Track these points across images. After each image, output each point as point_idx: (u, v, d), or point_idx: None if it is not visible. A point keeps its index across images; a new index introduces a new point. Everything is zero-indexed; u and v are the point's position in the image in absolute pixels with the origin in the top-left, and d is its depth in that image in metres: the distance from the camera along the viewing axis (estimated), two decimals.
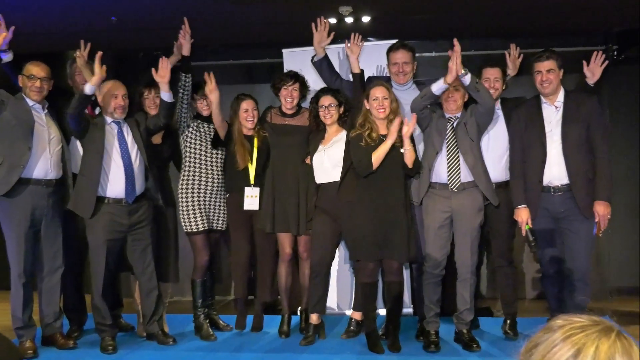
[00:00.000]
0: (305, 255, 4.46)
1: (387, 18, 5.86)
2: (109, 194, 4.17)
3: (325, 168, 4.28)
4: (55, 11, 5.56)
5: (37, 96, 4.22)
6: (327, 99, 4.31)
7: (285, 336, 4.49)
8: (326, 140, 4.35)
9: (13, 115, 4.14)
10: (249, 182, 4.45)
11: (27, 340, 4.18)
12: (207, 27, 6.27)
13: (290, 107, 4.47)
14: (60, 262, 4.28)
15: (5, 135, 4.12)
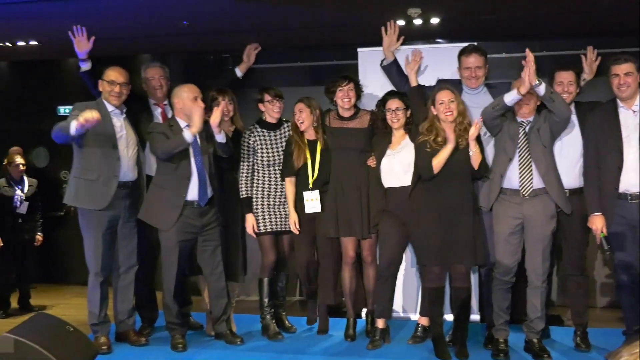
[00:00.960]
0: (370, 258, 4.45)
1: (456, 19, 5.78)
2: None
3: (395, 172, 4.26)
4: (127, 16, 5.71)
5: (117, 101, 4.33)
6: (395, 103, 4.29)
7: (351, 340, 4.50)
8: (394, 144, 4.32)
9: (96, 128, 4.22)
10: (308, 185, 4.45)
11: (102, 336, 4.33)
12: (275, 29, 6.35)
13: (347, 108, 4.46)
14: (134, 261, 4.41)
15: (94, 149, 4.24)
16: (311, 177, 4.44)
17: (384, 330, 4.40)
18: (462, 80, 4.41)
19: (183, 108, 4.29)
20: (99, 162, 4.23)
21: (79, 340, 3.83)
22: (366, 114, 4.48)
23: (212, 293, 4.44)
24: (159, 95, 4.66)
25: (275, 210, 4.55)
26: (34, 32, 6.49)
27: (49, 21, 5.90)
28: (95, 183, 4.22)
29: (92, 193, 4.22)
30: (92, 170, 4.23)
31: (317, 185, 4.44)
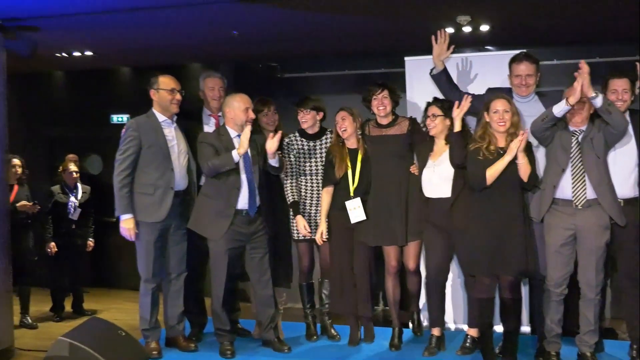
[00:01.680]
0: (413, 267, 4.41)
1: (506, 26, 5.73)
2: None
3: (434, 184, 4.23)
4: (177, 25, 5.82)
5: (177, 108, 4.38)
6: (432, 109, 4.25)
7: (396, 349, 4.47)
8: (435, 154, 4.28)
9: (150, 143, 4.29)
10: (349, 194, 4.44)
11: (152, 341, 4.39)
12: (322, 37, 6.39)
13: (383, 115, 4.43)
14: (184, 267, 4.47)
15: (150, 163, 4.29)
16: (352, 186, 4.44)
17: (439, 338, 4.38)
18: (512, 89, 4.35)
19: (234, 118, 4.32)
20: (154, 175, 4.28)
21: (131, 345, 3.92)
22: (405, 121, 4.46)
23: (259, 301, 4.47)
24: (216, 105, 4.66)
25: (312, 218, 4.57)
26: (89, 43, 6.68)
27: (103, 32, 6.07)
28: (152, 197, 4.28)
29: (149, 207, 4.28)
30: (149, 184, 4.29)
31: (357, 194, 4.43)
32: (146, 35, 6.18)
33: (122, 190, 4.24)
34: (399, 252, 4.41)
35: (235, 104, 4.31)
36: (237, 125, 4.33)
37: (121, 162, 4.27)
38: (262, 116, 4.59)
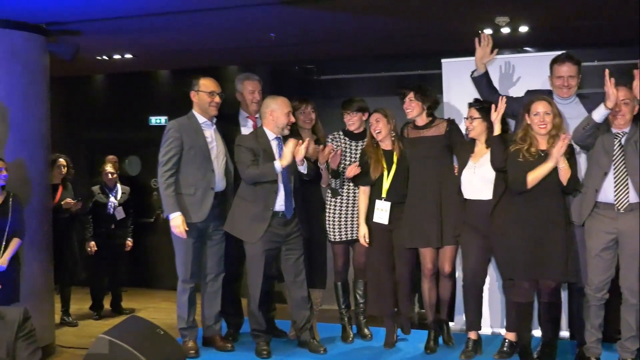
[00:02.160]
0: (448, 270, 4.38)
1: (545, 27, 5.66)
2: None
3: (475, 185, 4.18)
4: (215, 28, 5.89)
5: (216, 111, 4.41)
6: (470, 111, 4.21)
7: (432, 352, 4.43)
8: (476, 155, 4.24)
9: (191, 144, 4.32)
10: (381, 195, 4.44)
11: (189, 341, 4.44)
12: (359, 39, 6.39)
13: (413, 117, 4.40)
14: (222, 267, 4.50)
15: (190, 164, 4.33)
16: (385, 188, 4.42)
17: (476, 341, 4.33)
18: (553, 90, 4.29)
19: (275, 121, 4.31)
20: (195, 176, 4.32)
21: (169, 344, 3.96)
22: (443, 122, 4.42)
23: (293, 301, 4.48)
24: (255, 108, 4.66)
25: (348, 219, 4.57)
26: (129, 46, 6.80)
27: (143, 35, 6.17)
28: (193, 197, 4.32)
29: (190, 207, 4.32)
30: (189, 185, 4.33)
31: (390, 196, 4.41)
32: (185, 38, 6.26)
33: (168, 190, 4.29)
34: (435, 255, 4.37)
35: (275, 106, 4.31)
36: (277, 128, 4.33)
37: (165, 163, 4.32)
38: (299, 114, 4.60)
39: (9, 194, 5.01)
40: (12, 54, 5.40)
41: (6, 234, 4.93)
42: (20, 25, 5.41)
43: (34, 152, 5.61)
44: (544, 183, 3.88)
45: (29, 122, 5.56)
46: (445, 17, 5.32)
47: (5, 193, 5.01)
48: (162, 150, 4.36)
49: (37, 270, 5.59)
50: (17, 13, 5.23)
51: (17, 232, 5.00)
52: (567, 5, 5.06)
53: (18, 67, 5.44)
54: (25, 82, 5.50)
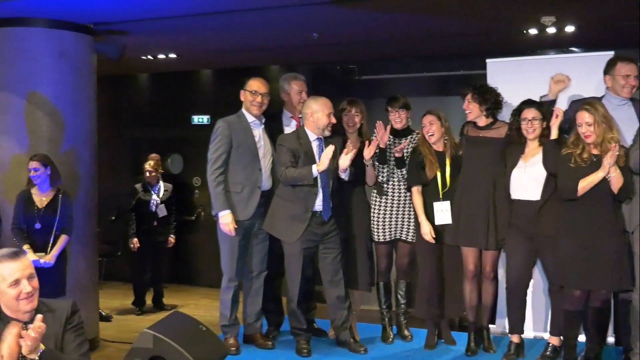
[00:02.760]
0: (491, 274, 4.33)
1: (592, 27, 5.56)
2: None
3: (524, 185, 4.12)
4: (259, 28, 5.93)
5: (258, 111, 4.42)
6: (531, 112, 4.14)
7: (473, 354, 4.39)
8: (526, 155, 4.17)
9: (240, 142, 4.34)
10: (438, 196, 4.42)
11: (231, 337, 4.47)
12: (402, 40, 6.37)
13: (472, 118, 4.36)
14: (265, 265, 4.53)
15: (238, 162, 4.36)
16: (442, 189, 4.40)
17: (518, 345, 4.27)
18: (610, 91, 4.17)
19: (316, 122, 4.31)
20: (243, 174, 4.36)
21: (211, 340, 3.99)
22: (504, 126, 4.35)
23: (330, 301, 4.48)
24: (299, 108, 4.64)
25: (392, 219, 4.56)
26: (174, 46, 6.90)
27: (187, 35, 6.25)
28: (240, 195, 4.36)
29: (237, 205, 4.35)
30: (237, 182, 4.36)
31: (447, 196, 4.39)
32: (227, 38, 6.32)
33: (218, 187, 4.33)
34: (477, 256, 4.34)
35: (318, 108, 4.30)
36: (317, 129, 4.33)
37: (214, 161, 4.36)
38: (343, 116, 4.60)
39: (59, 191, 5.12)
40: (62, 53, 5.55)
41: (54, 230, 5.04)
42: (69, 26, 5.55)
43: (81, 149, 5.75)
44: (595, 190, 3.80)
45: (77, 120, 5.71)
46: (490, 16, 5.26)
47: (55, 189, 5.12)
48: (211, 148, 4.40)
49: (83, 265, 5.72)
50: (66, 14, 5.36)
51: (65, 229, 5.10)
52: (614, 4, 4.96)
53: (67, 67, 5.59)
54: (74, 81, 5.64)
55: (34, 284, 2.75)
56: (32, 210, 5.05)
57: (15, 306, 2.72)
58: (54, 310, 2.86)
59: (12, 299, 2.71)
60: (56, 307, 2.89)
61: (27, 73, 5.52)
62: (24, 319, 2.75)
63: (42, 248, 5.00)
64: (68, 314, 2.88)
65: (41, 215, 5.05)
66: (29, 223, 5.05)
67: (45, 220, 5.04)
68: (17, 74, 5.52)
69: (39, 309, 2.81)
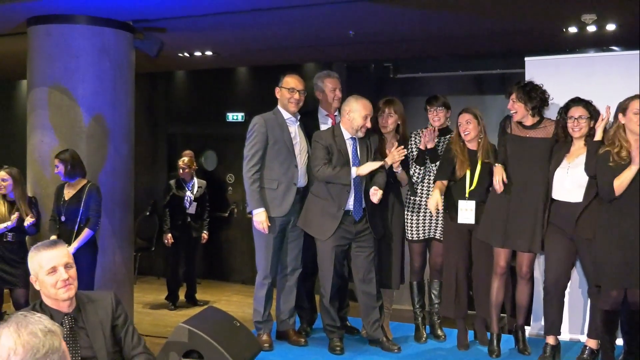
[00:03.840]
0: (528, 275, 4.27)
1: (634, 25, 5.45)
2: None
3: (566, 187, 4.05)
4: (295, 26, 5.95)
5: (295, 107, 4.43)
6: (578, 110, 4.05)
7: (496, 355, 4.33)
8: (571, 155, 4.09)
9: (276, 139, 4.35)
10: (464, 195, 4.38)
11: (264, 334, 4.49)
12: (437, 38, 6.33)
13: (518, 119, 4.29)
14: (299, 263, 4.53)
15: (274, 158, 4.36)
16: (468, 187, 4.36)
17: (554, 347, 4.21)
18: None
19: (352, 121, 4.30)
20: (278, 170, 4.36)
21: (245, 336, 4.02)
22: (551, 124, 4.27)
23: (362, 299, 4.47)
24: (336, 106, 4.65)
25: (427, 217, 4.54)
26: (210, 43, 6.95)
27: (224, 32, 6.29)
28: (275, 192, 4.36)
29: (272, 202, 4.36)
30: (273, 179, 4.37)
31: (473, 196, 4.35)
32: (263, 36, 6.36)
33: (253, 185, 4.34)
34: (509, 254, 4.28)
35: (356, 108, 4.27)
36: (352, 129, 4.31)
37: (250, 158, 4.37)
38: (378, 115, 4.58)
39: (87, 183, 5.20)
40: (103, 50, 5.64)
41: (79, 220, 5.12)
42: (110, 23, 5.64)
43: (119, 145, 5.83)
44: (634, 188, 3.73)
45: (116, 116, 5.80)
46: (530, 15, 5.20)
47: (83, 182, 5.20)
48: (247, 145, 4.41)
49: (119, 259, 5.80)
50: (107, 11, 5.44)
51: (89, 221, 5.17)
52: None
53: (107, 63, 5.68)
54: (113, 78, 5.73)
55: (72, 273, 2.80)
56: (60, 203, 5.20)
57: (54, 294, 2.77)
58: (95, 301, 2.92)
59: (51, 286, 2.76)
60: (97, 298, 2.94)
61: (69, 69, 5.62)
62: (64, 309, 2.81)
63: (67, 240, 5.02)
64: (113, 305, 2.94)
65: (66, 207, 5.17)
66: (58, 215, 5.23)
67: (69, 213, 5.16)
68: (59, 70, 5.63)
69: (80, 300, 2.87)
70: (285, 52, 7.05)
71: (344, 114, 4.35)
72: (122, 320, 2.96)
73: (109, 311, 2.92)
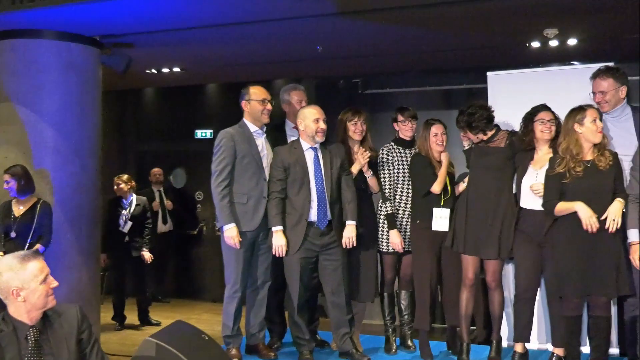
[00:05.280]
0: (494, 284, 4.31)
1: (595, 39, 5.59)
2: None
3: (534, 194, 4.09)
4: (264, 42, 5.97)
5: (268, 118, 4.41)
6: (548, 114, 4.12)
7: None
8: (536, 162, 4.14)
9: (244, 153, 4.33)
10: (439, 203, 4.42)
11: (233, 348, 4.43)
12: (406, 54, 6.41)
13: (476, 142, 4.36)
14: (269, 276, 4.49)
15: (243, 172, 4.33)
16: (443, 196, 4.42)
17: (523, 355, 4.22)
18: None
19: (305, 130, 4.32)
20: (248, 184, 4.33)
21: (214, 350, 3.97)
22: (505, 134, 4.37)
23: (332, 311, 4.45)
24: None
25: (401, 229, 4.56)
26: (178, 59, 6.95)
27: (191, 48, 6.30)
28: (245, 206, 4.33)
29: (243, 216, 4.33)
30: (243, 193, 4.33)
31: (447, 204, 4.41)
32: (231, 51, 6.38)
33: (223, 200, 4.29)
34: (478, 265, 4.32)
35: (305, 115, 4.30)
36: (308, 137, 4.31)
37: (219, 173, 4.32)
38: (350, 125, 4.59)
39: (38, 200, 5.12)
40: (69, 65, 5.60)
41: (30, 238, 5.05)
42: (76, 38, 5.61)
43: (86, 160, 5.77)
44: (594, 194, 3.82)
45: (82, 132, 5.74)
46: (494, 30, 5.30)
47: (34, 199, 5.14)
48: (215, 160, 4.35)
49: (86, 276, 5.72)
50: (73, 26, 5.41)
51: (43, 239, 5.09)
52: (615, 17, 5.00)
53: (74, 78, 5.63)
54: (80, 93, 5.68)
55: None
56: (10, 220, 5.12)
57: (43, 303, 2.78)
58: (60, 314, 2.88)
59: (43, 296, 2.77)
60: (62, 311, 2.91)
61: (34, 84, 5.57)
62: (30, 321, 2.78)
63: None
64: (79, 319, 2.91)
65: (17, 224, 5.10)
66: (6, 232, 5.14)
67: (20, 229, 5.10)
68: (24, 85, 5.58)
69: (45, 313, 2.83)
70: (254, 68, 7.08)
71: (299, 127, 4.36)
72: (87, 335, 2.92)
73: (74, 325, 2.89)
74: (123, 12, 5.02)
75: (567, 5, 4.71)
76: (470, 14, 4.98)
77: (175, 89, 8.67)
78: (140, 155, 9.21)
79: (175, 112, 8.95)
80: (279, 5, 4.74)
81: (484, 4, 4.63)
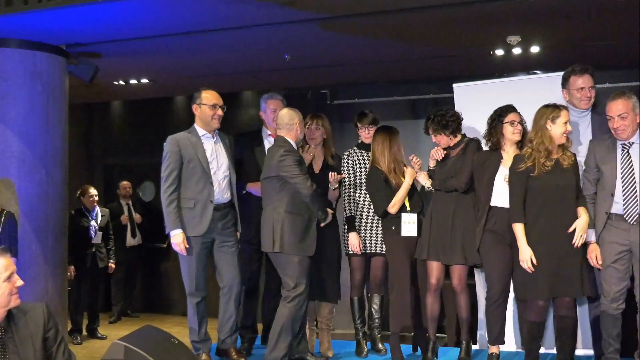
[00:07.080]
0: (460, 288, 4.33)
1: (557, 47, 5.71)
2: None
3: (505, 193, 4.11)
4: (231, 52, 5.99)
5: (218, 124, 4.43)
6: (517, 116, 4.19)
7: None
8: (506, 161, 4.17)
9: (190, 157, 4.33)
10: (406, 208, 4.46)
11: (203, 353, 4.41)
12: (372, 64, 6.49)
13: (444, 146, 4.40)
14: (237, 281, 4.45)
15: (190, 177, 4.33)
16: (408, 201, 4.46)
17: (498, 356, 4.23)
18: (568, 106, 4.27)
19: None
20: (194, 189, 4.33)
21: (183, 353, 3.94)
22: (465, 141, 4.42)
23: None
24: (273, 126, 4.68)
25: (367, 232, 4.59)
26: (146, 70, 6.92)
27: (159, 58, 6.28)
28: (192, 211, 4.32)
29: (190, 221, 4.33)
30: (189, 198, 4.33)
31: (414, 209, 4.46)
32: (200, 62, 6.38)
33: (170, 206, 4.30)
34: (441, 270, 4.33)
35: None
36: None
37: (166, 179, 4.33)
38: (306, 129, 4.64)
39: (2, 210, 5.03)
40: (34, 74, 5.53)
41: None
42: (41, 47, 5.55)
43: (52, 170, 5.69)
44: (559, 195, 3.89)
45: (48, 141, 5.66)
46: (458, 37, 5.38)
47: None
48: (162, 166, 4.38)
49: (52, 288, 5.61)
50: (38, 34, 5.37)
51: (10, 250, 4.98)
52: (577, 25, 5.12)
53: (39, 87, 5.57)
54: (46, 102, 5.61)
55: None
56: None
57: (6, 302, 2.74)
58: (26, 312, 2.84)
59: (7, 294, 2.74)
60: (28, 309, 2.87)
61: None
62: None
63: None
64: (45, 317, 2.87)
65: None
66: None
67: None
68: None
69: (10, 311, 2.79)
70: (222, 79, 7.08)
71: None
72: (53, 333, 2.89)
73: (40, 323, 2.85)
74: (89, 20, 4.99)
75: (529, 12, 4.82)
76: (435, 20, 5.07)
77: (144, 101, 8.63)
78: (108, 168, 9.12)
79: (143, 125, 8.90)
80: (246, 12, 4.77)
81: (448, 10, 4.71)
